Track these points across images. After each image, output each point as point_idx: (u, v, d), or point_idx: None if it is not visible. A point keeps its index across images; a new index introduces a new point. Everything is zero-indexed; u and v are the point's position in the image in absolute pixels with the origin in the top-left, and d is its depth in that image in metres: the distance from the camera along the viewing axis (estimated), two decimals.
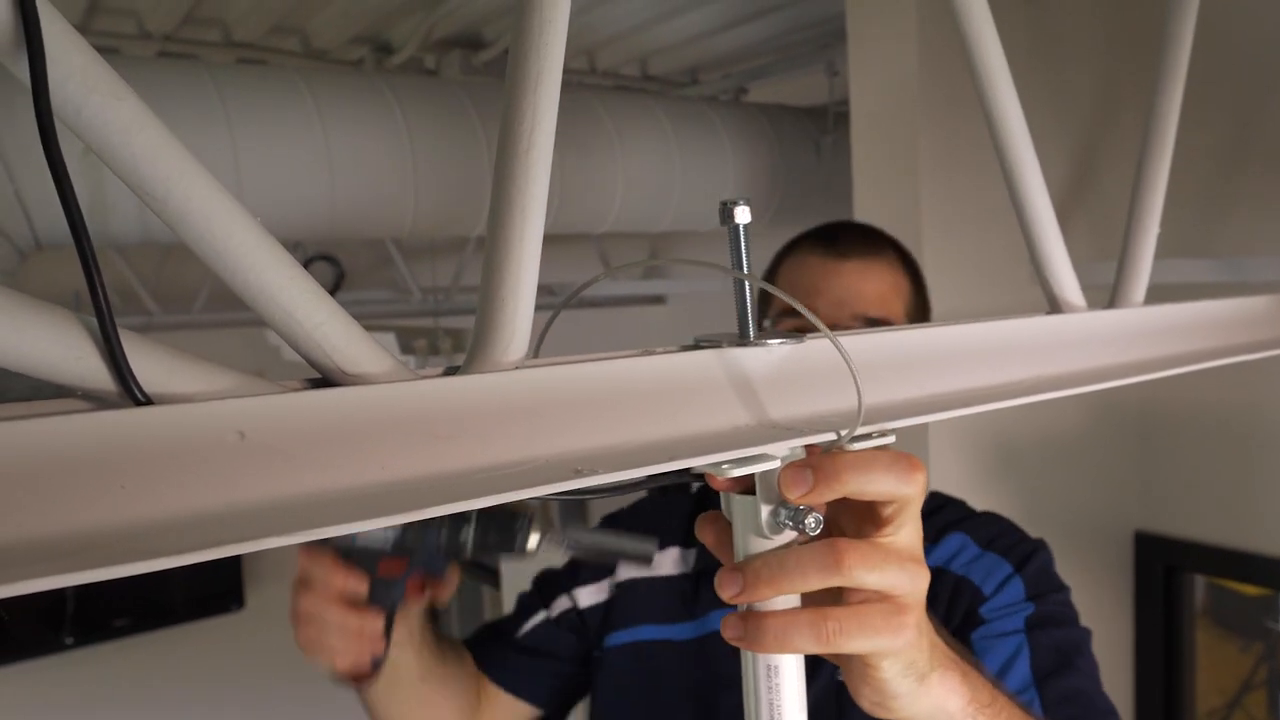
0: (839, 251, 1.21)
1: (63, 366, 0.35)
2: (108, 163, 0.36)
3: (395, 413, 0.42)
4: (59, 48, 0.34)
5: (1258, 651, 2.59)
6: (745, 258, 0.56)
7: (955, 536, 1.19)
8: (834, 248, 1.22)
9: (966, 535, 1.19)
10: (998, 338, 0.70)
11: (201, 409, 0.38)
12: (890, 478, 0.56)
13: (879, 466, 0.56)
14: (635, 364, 0.51)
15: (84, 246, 0.35)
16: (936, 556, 1.17)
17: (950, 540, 1.19)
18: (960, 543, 1.18)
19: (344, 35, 2.66)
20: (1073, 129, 2.14)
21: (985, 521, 1.23)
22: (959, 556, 1.17)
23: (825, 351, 0.59)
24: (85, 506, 0.34)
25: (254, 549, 0.36)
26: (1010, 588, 1.12)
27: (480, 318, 0.47)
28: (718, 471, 0.54)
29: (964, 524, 1.21)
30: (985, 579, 1.13)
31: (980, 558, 1.16)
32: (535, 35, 0.46)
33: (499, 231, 0.46)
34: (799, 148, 2.82)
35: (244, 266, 0.39)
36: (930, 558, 1.16)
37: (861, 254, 1.21)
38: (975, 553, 1.17)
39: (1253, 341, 0.93)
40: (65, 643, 3.63)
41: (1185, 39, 0.85)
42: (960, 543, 1.18)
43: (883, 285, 1.20)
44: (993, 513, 1.26)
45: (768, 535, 0.57)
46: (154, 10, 2.37)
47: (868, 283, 1.19)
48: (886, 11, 1.91)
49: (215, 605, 4.02)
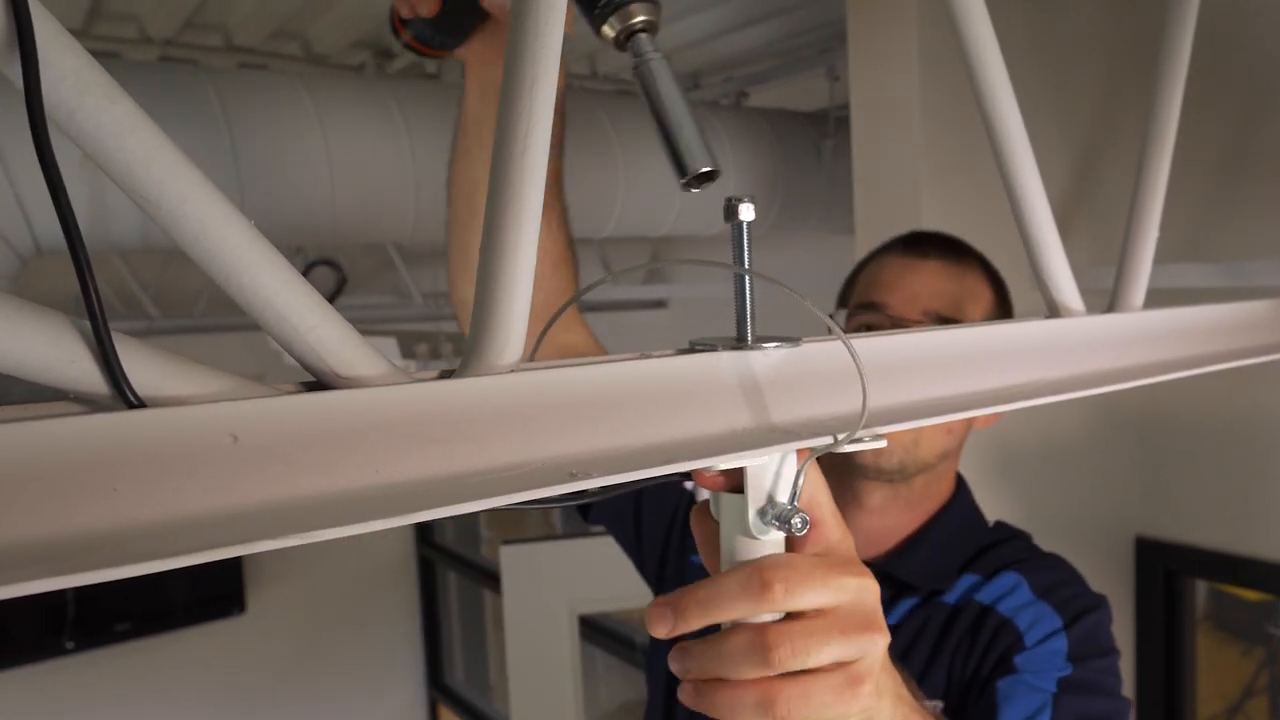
0: (920, 251, 1.21)
1: (56, 370, 0.35)
2: (101, 166, 0.36)
3: (389, 416, 0.42)
4: (52, 50, 0.34)
5: (1259, 657, 2.59)
6: (748, 256, 0.56)
7: (1010, 575, 1.16)
8: (915, 248, 1.22)
9: (1023, 577, 1.15)
10: (997, 342, 0.70)
11: (195, 412, 0.38)
12: (741, 605, 0.55)
13: (724, 597, 0.55)
14: (631, 367, 0.51)
15: (77, 248, 0.35)
16: (986, 593, 1.15)
17: (1004, 578, 1.16)
18: (1013, 583, 1.15)
19: (345, 40, 2.66)
20: (1073, 133, 2.14)
21: (1047, 565, 1.20)
22: (1009, 598, 1.14)
23: (822, 355, 0.59)
24: (78, 509, 0.34)
25: (247, 551, 0.36)
26: (1053, 643, 1.09)
27: (476, 321, 0.47)
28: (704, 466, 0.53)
29: (1023, 564, 1.18)
30: (1031, 627, 1.10)
31: (1031, 604, 1.12)
32: (530, 39, 0.46)
33: (494, 235, 0.46)
34: (800, 152, 2.82)
35: (238, 270, 0.39)
36: (980, 593, 1.15)
37: (942, 255, 1.20)
38: (1027, 598, 1.13)
39: (1252, 346, 0.93)
40: (66, 647, 3.64)
41: (1184, 44, 0.85)
42: (1013, 583, 1.15)
43: (960, 288, 1.19)
44: (1058, 557, 1.22)
45: (755, 535, 0.57)
46: (155, 15, 2.37)
47: (944, 282, 1.18)
48: (887, 16, 1.91)
49: (216, 609, 4.03)
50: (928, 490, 1.23)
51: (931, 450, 1.18)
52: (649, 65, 0.58)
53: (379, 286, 3.99)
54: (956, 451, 1.23)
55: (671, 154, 0.57)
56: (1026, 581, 1.14)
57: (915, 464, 1.17)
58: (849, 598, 0.57)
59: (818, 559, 0.57)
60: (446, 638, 4.96)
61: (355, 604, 4.58)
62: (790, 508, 0.55)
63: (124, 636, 3.78)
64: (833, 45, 2.71)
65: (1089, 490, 2.26)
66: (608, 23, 0.59)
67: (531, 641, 2.82)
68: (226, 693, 4.13)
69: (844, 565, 0.58)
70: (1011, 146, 0.73)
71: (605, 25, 0.59)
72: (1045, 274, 0.77)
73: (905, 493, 1.21)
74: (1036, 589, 1.13)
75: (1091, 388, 0.71)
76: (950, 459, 1.23)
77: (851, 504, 1.22)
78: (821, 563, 0.57)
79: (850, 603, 0.57)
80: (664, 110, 0.58)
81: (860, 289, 1.24)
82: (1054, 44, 2.06)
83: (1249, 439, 2.11)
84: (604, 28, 0.59)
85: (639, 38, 0.59)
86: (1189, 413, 2.23)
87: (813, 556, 0.57)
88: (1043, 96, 2.03)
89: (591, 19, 0.59)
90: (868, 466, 1.17)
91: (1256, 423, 2.09)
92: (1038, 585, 1.14)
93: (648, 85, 0.58)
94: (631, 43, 0.59)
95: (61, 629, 3.60)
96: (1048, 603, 1.12)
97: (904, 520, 1.23)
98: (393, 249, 3.53)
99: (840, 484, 1.21)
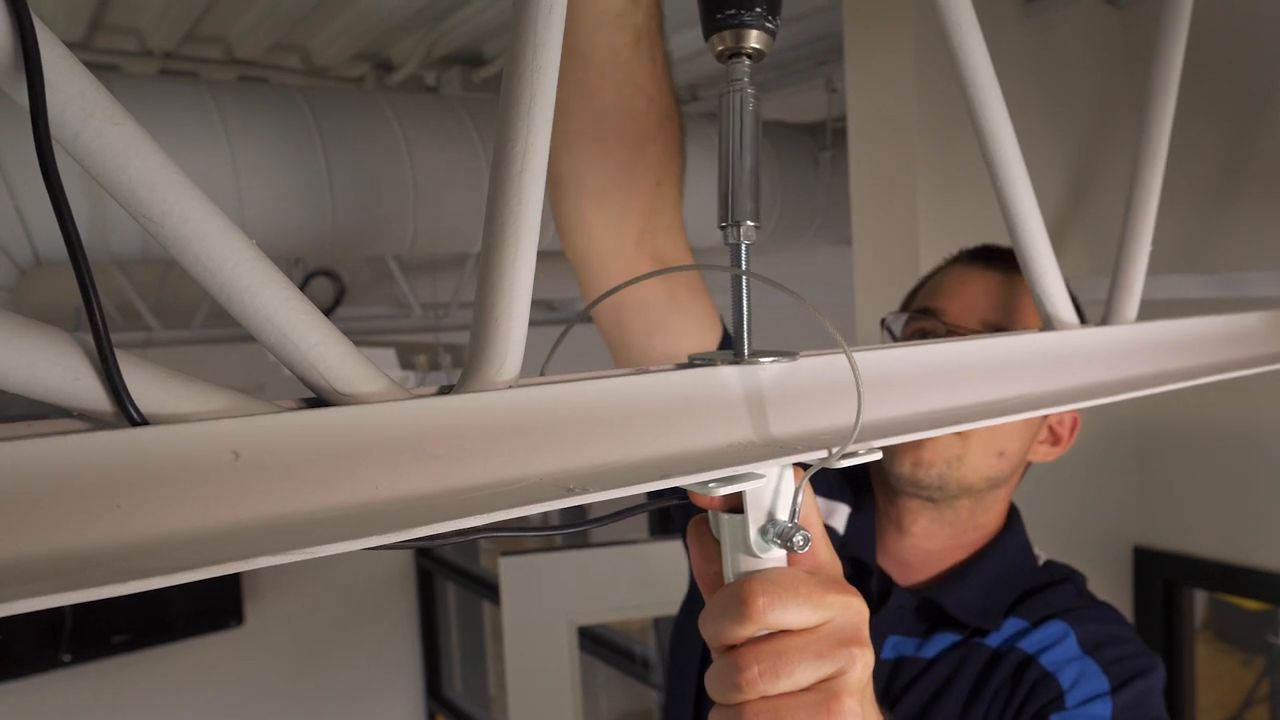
0: (985, 261, 1.16)
1: (60, 388, 0.36)
2: (105, 186, 0.37)
3: (389, 432, 0.43)
4: (58, 73, 0.35)
5: (1259, 666, 2.59)
6: (745, 267, 0.56)
7: (1057, 625, 1.08)
8: (980, 259, 1.17)
9: (1071, 629, 1.08)
10: (993, 355, 0.71)
11: (196, 429, 0.38)
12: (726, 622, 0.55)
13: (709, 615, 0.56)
14: (628, 382, 0.51)
15: (82, 271, 0.36)
16: (1031, 641, 1.08)
17: (1051, 627, 1.08)
18: (1060, 634, 1.08)
19: (345, 53, 2.67)
20: (1067, 144, 2.15)
21: (1099, 618, 1.11)
22: (1054, 649, 1.06)
23: (818, 369, 0.59)
24: (81, 526, 0.35)
25: (248, 568, 0.36)
26: (1096, 707, 1.01)
27: (474, 337, 0.47)
28: (704, 490, 0.53)
29: (1073, 614, 1.10)
30: (1074, 685, 1.02)
31: (1077, 659, 1.05)
32: (529, 58, 0.46)
33: (493, 252, 0.46)
34: (797, 163, 2.83)
35: (239, 288, 0.39)
36: (1025, 640, 1.08)
37: (1006, 267, 1.14)
38: (1074, 653, 1.05)
39: (1246, 357, 0.93)
40: (63, 660, 3.63)
41: (1176, 58, 0.86)
42: (1060, 634, 1.08)
43: (1024, 301, 1.12)
44: (1110, 607, 1.14)
45: (756, 554, 0.57)
46: (156, 28, 2.38)
47: (1006, 294, 1.13)
48: (884, 28, 1.92)
49: (214, 621, 4.02)
50: (974, 519, 1.17)
51: (976, 472, 1.11)
52: (738, 94, 0.57)
53: (378, 297, 3.99)
54: (1009, 481, 1.16)
55: (723, 191, 0.56)
56: (1075, 634, 1.07)
57: (957, 483, 1.11)
58: (831, 615, 0.56)
59: (803, 575, 0.57)
60: (445, 649, 4.95)
61: (353, 616, 4.57)
62: (792, 525, 0.56)
63: (121, 649, 3.77)
64: (830, 58, 2.72)
65: (1087, 501, 2.27)
66: (719, 35, 0.58)
67: (531, 653, 2.81)
68: (224, 705, 4.12)
69: (829, 583, 0.57)
70: (1005, 162, 0.73)
71: (717, 35, 0.58)
72: (1039, 287, 0.78)
73: (950, 517, 1.15)
74: (1085, 644, 1.06)
75: (1087, 400, 0.72)
76: (1000, 488, 1.16)
77: (892, 527, 1.18)
78: (807, 579, 0.56)
79: (832, 620, 0.56)
80: (733, 145, 0.56)
81: (922, 295, 1.20)
82: (1049, 55, 2.07)
83: (1246, 449, 2.11)
84: (714, 37, 0.58)
85: (740, 61, 0.58)
86: (1186, 423, 2.23)
87: (798, 572, 0.57)
88: (1038, 108, 2.04)
89: (708, 24, 0.58)
90: (904, 478, 1.11)
91: (1253, 433, 2.10)
92: (1086, 639, 1.07)
93: (728, 113, 0.56)
94: (732, 63, 0.58)
95: (58, 641, 3.59)
96: (1096, 661, 1.04)
97: (948, 547, 1.18)
98: (392, 260, 3.54)
99: (885, 505, 1.18)
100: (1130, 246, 0.84)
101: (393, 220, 2.18)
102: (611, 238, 1.02)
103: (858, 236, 2.02)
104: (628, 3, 0.91)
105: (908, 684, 1.08)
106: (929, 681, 1.08)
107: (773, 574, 0.56)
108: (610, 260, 1.03)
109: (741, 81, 0.56)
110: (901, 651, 1.11)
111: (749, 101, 0.57)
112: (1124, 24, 2.22)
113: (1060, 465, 2.18)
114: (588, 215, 1.02)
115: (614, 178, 1.00)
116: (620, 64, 0.94)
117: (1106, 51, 2.20)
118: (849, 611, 0.57)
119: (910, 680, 1.09)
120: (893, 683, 1.09)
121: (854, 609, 0.57)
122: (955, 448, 1.09)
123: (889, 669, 1.10)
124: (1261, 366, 0.91)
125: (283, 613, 4.26)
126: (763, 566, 0.57)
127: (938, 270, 1.23)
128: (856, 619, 0.57)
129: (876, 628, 1.10)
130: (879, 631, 1.11)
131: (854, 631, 0.56)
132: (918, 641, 1.12)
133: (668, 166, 1.03)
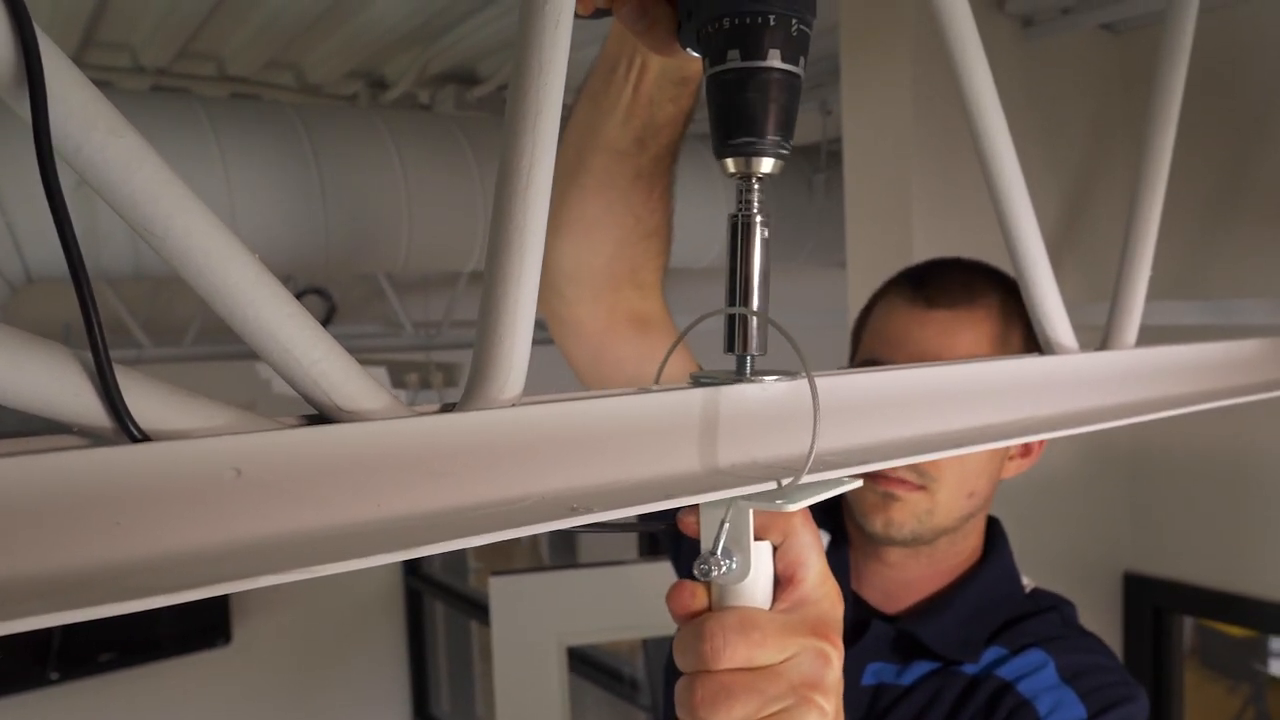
0: (926, 298, 1.12)
1: (59, 403, 0.35)
2: (107, 200, 0.36)
3: (391, 450, 0.42)
4: (60, 85, 0.34)
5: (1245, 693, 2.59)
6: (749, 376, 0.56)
7: (1036, 654, 1.07)
8: (921, 292, 1.13)
9: (1051, 657, 1.07)
10: (988, 379, 0.71)
11: (197, 446, 0.37)
12: (688, 657, 0.55)
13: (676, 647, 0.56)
14: (631, 402, 0.51)
15: (82, 286, 0.35)
16: (1009, 669, 1.07)
17: (1029, 656, 1.07)
18: (1039, 662, 1.06)
19: (339, 70, 2.67)
20: (1066, 169, 2.16)
21: (1080, 647, 1.10)
22: (1032, 677, 1.05)
23: (822, 390, 0.59)
24: (81, 544, 0.34)
25: (250, 587, 0.35)
26: None
27: (477, 355, 0.47)
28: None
29: (1054, 643, 1.09)
30: (1051, 713, 1.01)
31: (1055, 688, 1.03)
32: (535, 74, 0.46)
33: (497, 269, 0.46)
34: (792, 185, 2.84)
35: (243, 303, 0.39)
36: (1003, 668, 1.07)
37: (951, 303, 1.11)
38: (1052, 681, 1.04)
39: (1243, 385, 0.93)
40: (50, 678, 3.60)
41: (1177, 84, 0.86)
42: (1039, 662, 1.06)
43: (972, 338, 1.10)
44: (1095, 638, 1.14)
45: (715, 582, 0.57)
46: (149, 44, 2.38)
47: (954, 336, 1.10)
48: (880, 50, 1.93)
49: (201, 640, 3.99)
50: (952, 548, 1.16)
51: (950, 515, 1.11)
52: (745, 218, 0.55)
53: (369, 315, 3.98)
54: (983, 508, 1.16)
55: (730, 331, 0.55)
56: (1054, 662, 1.06)
57: (932, 531, 1.11)
58: (788, 655, 0.55)
59: (765, 615, 0.56)
60: (433, 669, 4.93)
61: (341, 635, 4.55)
62: (711, 555, 0.55)
63: (108, 667, 3.74)
64: (825, 80, 2.73)
65: (1078, 526, 2.27)
66: (734, 159, 0.56)
67: (520, 673, 2.79)
68: None
69: (800, 625, 0.56)
70: (1005, 182, 0.73)
71: (730, 159, 0.56)
72: (1038, 310, 0.77)
73: (927, 552, 1.15)
74: (1064, 672, 1.05)
75: (1083, 425, 0.72)
76: (975, 517, 1.16)
77: (872, 558, 1.18)
78: (770, 619, 0.55)
79: (791, 660, 0.55)
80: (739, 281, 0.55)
81: (867, 341, 1.18)
82: (1049, 79, 2.08)
83: (1238, 477, 2.12)
84: (727, 160, 0.57)
85: (751, 184, 0.56)
86: (1179, 450, 2.23)
87: (761, 612, 0.56)
88: (1037, 132, 2.05)
89: (721, 147, 0.56)
90: (877, 535, 1.11)
91: (1246, 461, 2.10)
92: (1066, 668, 1.06)
93: (737, 239, 0.55)
94: (741, 184, 0.56)
95: (46, 659, 3.57)
96: (1074, 689, 1.03)
97: (925, 576, 1.17)
98: (383, 278, 3.53)
99: (860, 540, 1.18)
100: (1130, 270, 0.84)
101: (386, 238, 2.18)
102: (585, 305, 1.02)
103: (852, 259, 2.02)
104: (635, 143, 0.90)
105: (886, 709, 1.09)
106: (908, 708, 1.08)
107: (735, 613, 0.55)
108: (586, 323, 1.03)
109: (752, 206, 0.55)
110: (881, 678, 1.12)
111: (759, 230, 0.55)
112: (1121, 50, 2.23)
113: (1051, 491, 2.18)
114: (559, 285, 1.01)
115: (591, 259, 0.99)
116: (614, 187, 0.94)
117: (1103, 78, 2.21)
118: (809, 655, 0.56)
119: (889, 706, 1.09)
120: (872, 709, 1.10)
121: (820, 654, 0.56)
122: (924, 503, 1.09)
123: (869, 695, 1.11)
124: (1259, 394, 0.91)
125: (270, 632, 4.24)
126: (738, 600, 0.57)
127: (878, 302, 1.20)
128: (819, 664, 0.56)
129: (856, 656, 1.11)
130: (858, 659, 1.12)
131: (812, 676, 0.55)
132: (897, 668, 1.12)
133: (646, 265, 1.01)
